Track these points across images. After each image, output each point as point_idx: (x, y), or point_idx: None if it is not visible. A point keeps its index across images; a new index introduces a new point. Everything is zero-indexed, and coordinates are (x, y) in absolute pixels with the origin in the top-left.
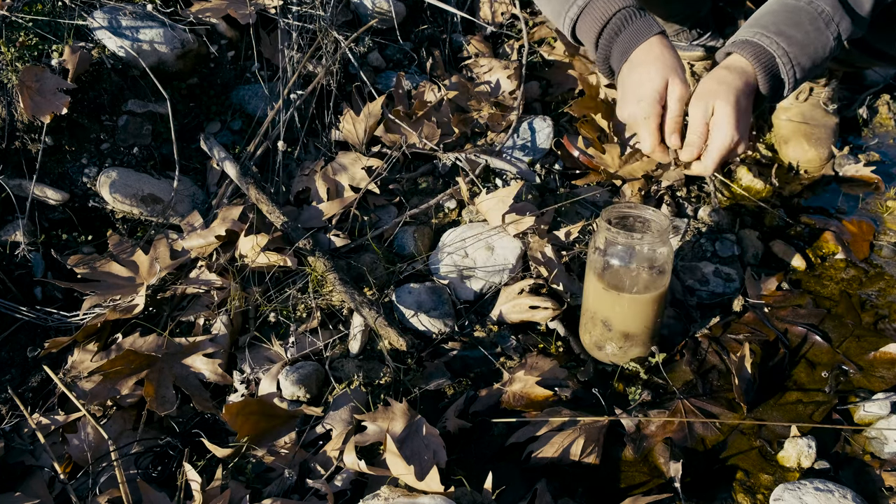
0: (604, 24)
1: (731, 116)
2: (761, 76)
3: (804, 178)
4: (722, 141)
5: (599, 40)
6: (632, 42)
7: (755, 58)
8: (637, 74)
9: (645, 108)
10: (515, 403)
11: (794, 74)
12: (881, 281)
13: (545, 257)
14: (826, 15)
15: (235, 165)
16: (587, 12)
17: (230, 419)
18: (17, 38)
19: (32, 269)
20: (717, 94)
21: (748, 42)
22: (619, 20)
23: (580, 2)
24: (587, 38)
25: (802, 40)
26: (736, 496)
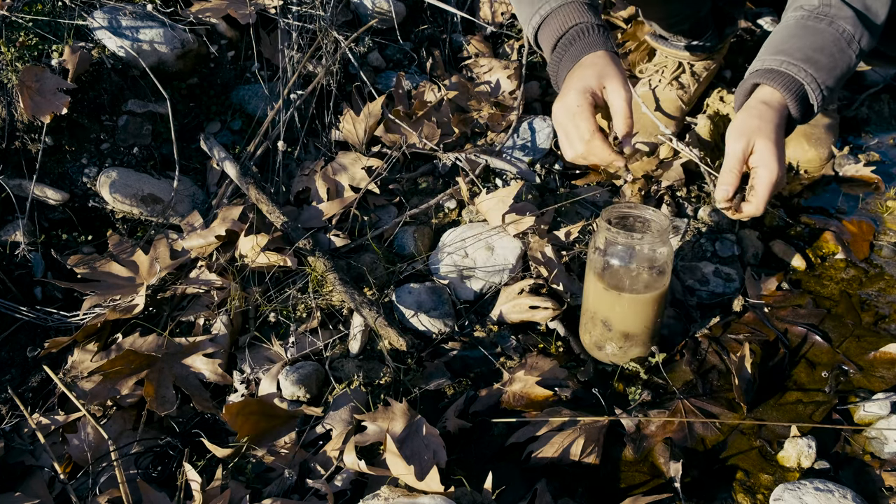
0: (561, 34)
1: (774, 153)
2: (793, 106)
3: (804, 178)
4: (769, 178)
5: (554, 50)
6: (581, 53)
7: (786, 88)
8: (574, 75)
9: (576, 97)
10: (515, 403)
11: (822, 99)
12: (881, 281)
13: (545, 257)
14: (847, 34)
15: (235, 165)
16: (548, 22)
17: (230, 419)
18: (17, 38)
19: (32, 269)
20: (759, 131)
21: (777, 72)
22: (575, 32)
23: (543, 11)
24: (545, 45)
25: (828, 64)
26: (736, 496)
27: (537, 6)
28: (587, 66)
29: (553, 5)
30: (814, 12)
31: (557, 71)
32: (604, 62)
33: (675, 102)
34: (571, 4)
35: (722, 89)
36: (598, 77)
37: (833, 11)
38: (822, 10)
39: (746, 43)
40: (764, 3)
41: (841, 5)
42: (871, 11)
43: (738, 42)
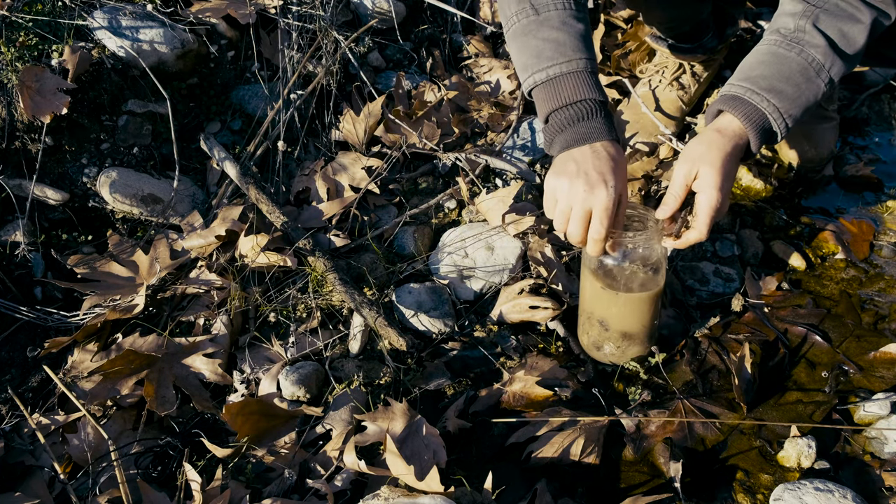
0: (564, 104)
1: (715, 180)
2: (752, 135)
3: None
4: (708, 203)
5: (552, 115)
6: (588, 136)
7: (746, 118)
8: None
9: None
10: (515, 403)
11: (785, 127)
12: (881, 281)
13: (545, 257)
14: (817, 64)
15: (235, 165)
16: (553, 85)
17: (230, 419)
18: (17, 38)
19: (32, 269)
20: (703, 159)
21: (739, 100)
22: (581, 109)
23: (551, 72)
24: (542, 106)
25: (793, 94)
26: (736, 496)
27: (545, 64)
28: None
29: (563, 69)
30: (787, 38)
31: (554, 139)
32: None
33: (676, 103)
34: (580, 75)
35: None
36: (624, 182)
37: (806, 38)
38: (796, 35)
39: (747, 43)
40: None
41: (814, 33)
42: (847, 38)
43: (739, 42)
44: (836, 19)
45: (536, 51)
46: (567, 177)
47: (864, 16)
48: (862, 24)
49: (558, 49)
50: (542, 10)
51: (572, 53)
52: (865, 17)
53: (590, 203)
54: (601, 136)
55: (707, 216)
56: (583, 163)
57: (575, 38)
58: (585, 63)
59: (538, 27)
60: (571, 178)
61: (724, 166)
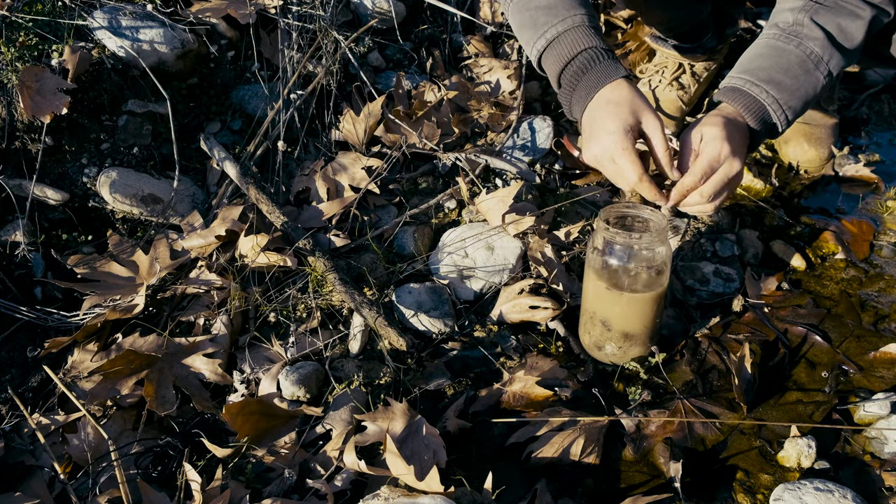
0: (568, 60)
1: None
2: (753, 123)
3: (804, 178)
4: (712, 151)
5: (562, 76)
6: (598, 82)
7: (746, 108)
8: (606, 112)
9: (618, 139)
10: (515, 403)
11: (785, 119)
12: (881, 281)
13: (545, 257)
14: (815, 56)
15: (235, 165)
16: (553, 47)
17: (230, 419)
18: (17, 38)
19: (32, 269)
20: (706, 124)
21: (738, 91)
22: (584, 59)
23: (548, 35)
24: (551, 70)
25: (792, 85)
26: (736, 496)
27: (542, 30)
28: (617, 102)
29: (559, 29)
30: (785, 31)
31: (571, 101)
32: (630, 94)
33: (676, 102)
34: (578, 29)
35: None
36: (633, 113)
37: (804, 31)
38: (794, 29)
39: (747, 43)
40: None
41: (812, 26)
42: (845, 33)
43: (739, 42)
44: (835, 14)
45: (532, 21)
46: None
47: (864, 12)
48: (861, 19)
49: (551, 12)
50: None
51: (565, 12)
52: (865, 14)
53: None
54: (603, 82)
55: (706, 161)
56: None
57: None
58: (581, 18)
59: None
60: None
61: (727, 126)
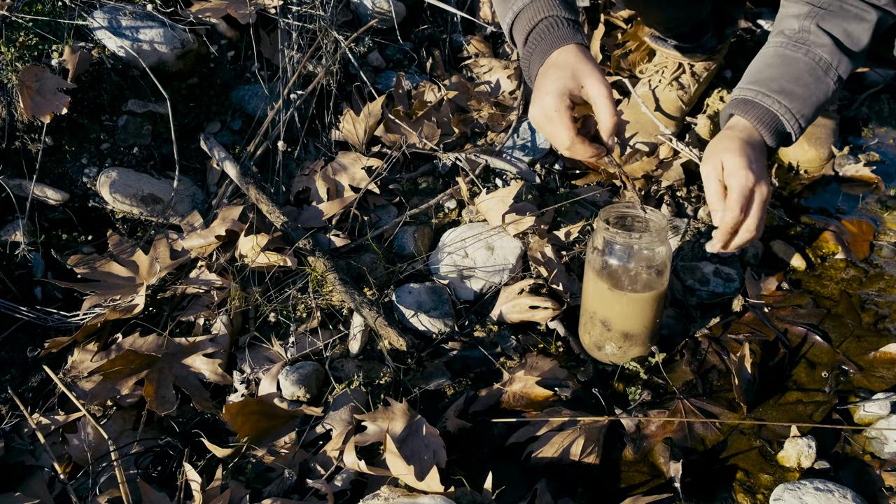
0: (531, 28)
1: (740, 161)
2: (767, 136)
3: (804, 178)
4: (739, 181)
5: (525, 44)
6: (550, 47)
7: (759, 120)
8: (548, 75)
9: (553, 101)
10: (515, 403)
11: (799, 127)
12: (881, 281)
13: (545, 257)
14: (824, 63)
15: (235, 165)
16: (520, 17)
17: (230, 419)
18: (17, 38)
19: (32, 269)
20: (725, 150)
21: (750, 103)
22: (545, 26)
23: (515, 7)
24: (518, 41)
25: (803, 94)
26: (736, 496)
27: (510, 3)
28: (560, 66)
29: (525, 2)
30: (792, 39)
31: (529, 66)
32: (576, 59)
33: (676, 103)
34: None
35: (722, 89)
36: (574, 77)
37: (812, 38)
38: (801, 36)
39: (747, 43)
40: (764, 3)
41: (819, 33)
42: (851, 37)
43: (739, 42)
44: (841, 19)
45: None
46: (531, 111)
47: (869, 15)
48: (867, 22)
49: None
50: None
51: None
52: (870, 17)
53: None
54: (555, 46)
55: (738, 193)
56: (535, 90)
57: None
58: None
59: None
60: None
61: (745, 150)
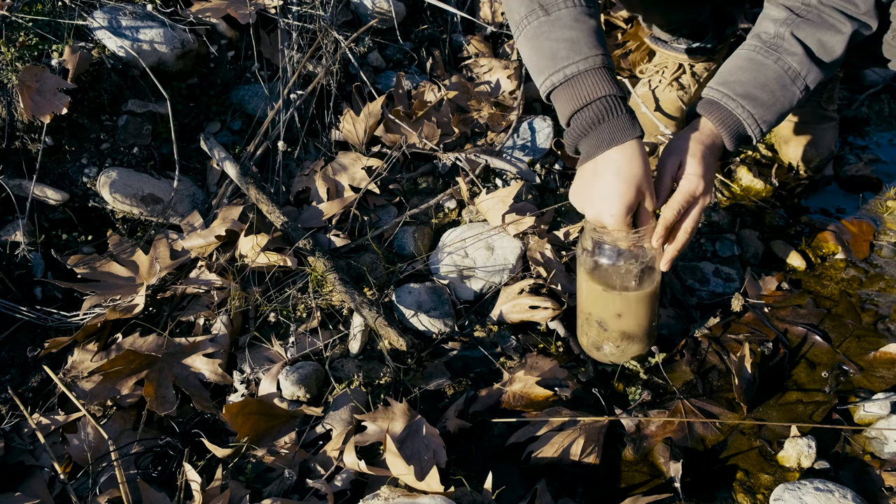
0: (584, 105)
1: (697, 168)
2: (727, 138)
3: (804, 178)
4: (688, 186)
5: (573, 118)
6: (611, 139)
7: (721, 122)
8: (612, 185)
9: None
10: (515, 403)
11: (760, 131)
12: (881, 281)
13: (545, 257)
14: (792, 72)
15: (235, 165)
16: (570, 85)
17: (230, 419)
18: (17, 38)
19: (32, 269)
20: (685, 150)
21: (715, 104)
22: (600, 107)
23: (568, 71)
24: (562, 109)
25: (767, 100)
26: (736, 496)
27: (561, 64)
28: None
29: (580, 67)
30: (766, 43)
31: (578, 143)
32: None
33: (676, 103)
34: (598, 72)
35: None
36: (638, 194)
37: (784, 45)
38: (775, 42)
39: None
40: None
41: (792, 41)
42: (825, 48)
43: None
44: (816, 29)
45: (551, 52)
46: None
47: (845, 27)
48: (842, 34)
49: (573, 48)
50: (553, 9)
51: (588, 51)
52: (846, 29)
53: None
54: (628, 135)
55: (683, 196)
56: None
57: (588, 34)
58: (602, 59)
59: (550, 28)
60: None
61: (705, 157)
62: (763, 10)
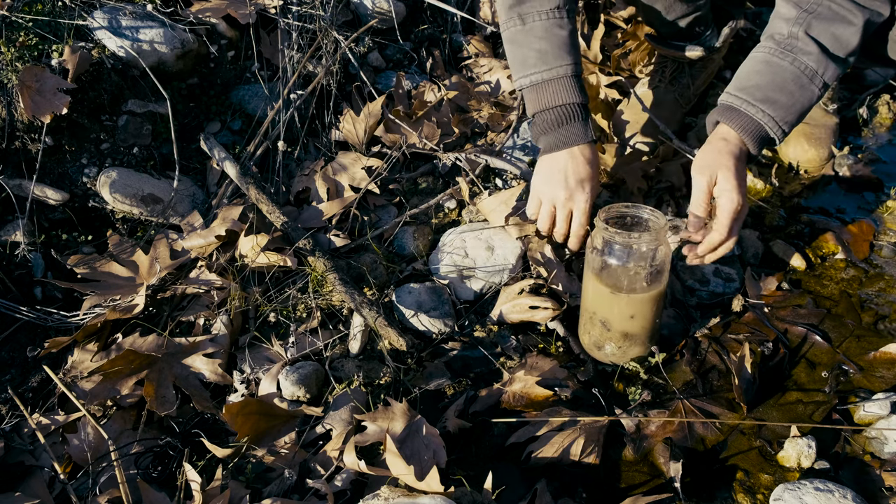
0: (545, 108)
1: (734, 184)
2: (751, 144)
3: (804, 178)
4: (730, 206)
5: (536, 117)
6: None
7: (743, 129)
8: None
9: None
10: (515, 403)
11: (782, 133)
12: (881, 281)
13: (545, 257)
14: (810, 70)
15: (235, 165)
16: (536, 90)
17: (230, 419)
18: (17, 38)
19: (32, 269)
20: (719, 165)
21: (735, 111)
22: (559, 114)
23: (534, 79)
24: (529, 107)
25: (787, 102)
26: (736, 496)
27: (529, 71)
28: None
29: (543, 77)
30: (780, 45)
31: (538, 136)
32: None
33: (675, 102)
34: (560, 81)
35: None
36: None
37: (799, 45)
38: (789, 42)
39: (746, 43)
40: (764, 3)
41: (807, 40)
42: (840, 41)
43: (739, 41)
44: (828, 23)
45: (522, 58)
46: (550, 184)
47: (857, 18)
48: (854, 25)
49: (541, 58)
50: (528, 20)
51: (553, 62)
52: (858, 20)
53: (570, 206)
54: (579, 140)
55: (728, 217)
56: (563, 170)
57: (558, 46)
58: (567, 69)
59: (524, 37)
60: (554, 186)
61: (738, 170)
62: (774, 9)
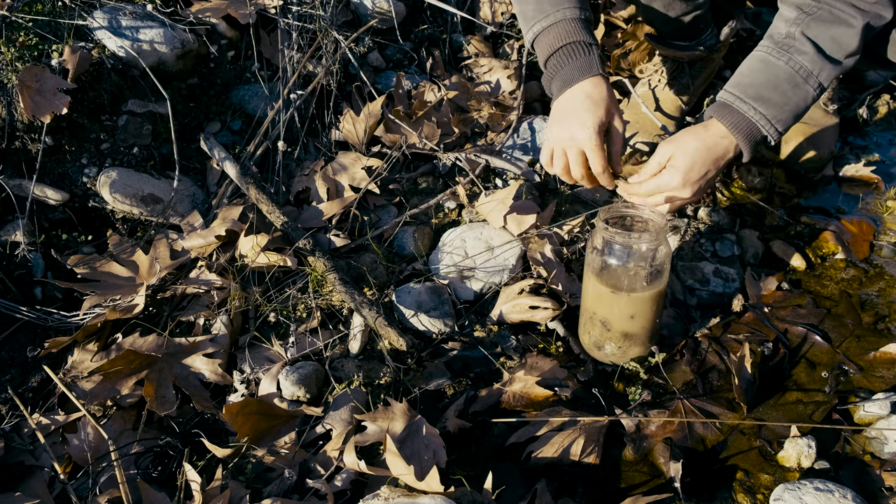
0: (553, 51)
1: (683, 162)
2: (741, 140)
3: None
4: (665, 181)
5: (549, 61)
6: (573, 76)
7: (734, 126)
8: (584, 107)
9: (593, 135)
10: (515, 403)
11: (776, 131)
12: (881, 281)
13: (545, 257)
14: (804, 71)
15: (235, 165)
16: (543, 36)
17: (230, 419)
18: (17, 38)
19: (32, 269)
20: (684, 146)
21: (727, 108)
22: (571, 50)
23: (535, 29)
24: (540, 57)
25: (780, 101)
26: (736, 496)
27: (530, 24)
28: (596, 101)
29: (549, 21)
30: (777, 44)
31: (550, 85)
32: (609, 95)
33: (675, 102)
34: (560, 25)
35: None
36: (608, 114)
37: (796, 45)
38: (786, 42)
39: (746, 42)
40: (764, 3)
41: (804, 41)
42: (838, 43)
43: (739, 41)
44: (827, 25)
45: (522, 14)
46: (555, 127)
47: (857, 20)
48: (854, 28)
49: (538, 8)
50: None
51: (550, 8)
52: (858, 22)
53: (577, 145)
54: (584, 74)
55: (653, 186)
56: (566, 111)
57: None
58: (565, 13)
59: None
60: (558, 130)
61: (700, 156)
62: (778, 11)
